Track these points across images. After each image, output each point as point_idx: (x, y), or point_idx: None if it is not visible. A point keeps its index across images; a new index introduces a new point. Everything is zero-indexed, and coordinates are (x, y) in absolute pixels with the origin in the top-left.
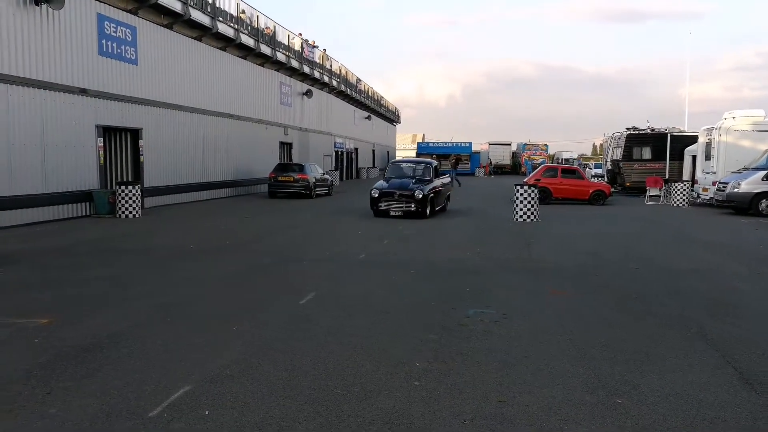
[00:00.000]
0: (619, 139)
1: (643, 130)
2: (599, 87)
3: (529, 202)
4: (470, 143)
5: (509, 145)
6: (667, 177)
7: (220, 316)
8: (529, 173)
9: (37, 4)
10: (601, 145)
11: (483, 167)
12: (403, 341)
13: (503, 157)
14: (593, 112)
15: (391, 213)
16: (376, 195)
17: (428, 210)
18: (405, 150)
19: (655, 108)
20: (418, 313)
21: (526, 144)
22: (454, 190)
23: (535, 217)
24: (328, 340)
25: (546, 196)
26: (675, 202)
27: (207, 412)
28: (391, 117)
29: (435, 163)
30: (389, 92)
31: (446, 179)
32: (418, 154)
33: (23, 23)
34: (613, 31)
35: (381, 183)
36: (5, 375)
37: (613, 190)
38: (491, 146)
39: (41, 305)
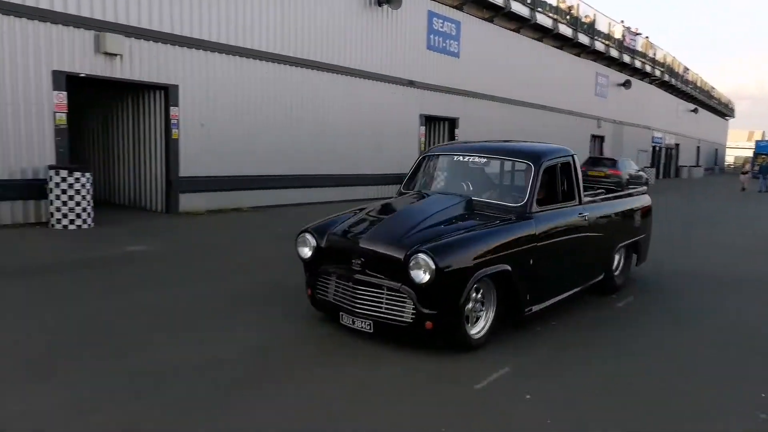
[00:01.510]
0: None
1: None
2: None
3: None
4: None
5: None
6: None
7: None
8: None
9: (379, 5)
10: None
11: None
12: (748, 367)
13: None
14: None
15: (343, 320)
16: (308, 255)
17: (474, 328)
18: (738, 149)
19: None
20: None
21: None
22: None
23: None
24: (654, 351)
25: None
26: None
27: (528, 396)
28: (722, 110)
29: (569, 154)
30: (721, 82)
31: (636, 200)
32: (755, 155)
33: (368, 22)
34: None
35: (341, 218)
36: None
37: None
38: None
39: None
